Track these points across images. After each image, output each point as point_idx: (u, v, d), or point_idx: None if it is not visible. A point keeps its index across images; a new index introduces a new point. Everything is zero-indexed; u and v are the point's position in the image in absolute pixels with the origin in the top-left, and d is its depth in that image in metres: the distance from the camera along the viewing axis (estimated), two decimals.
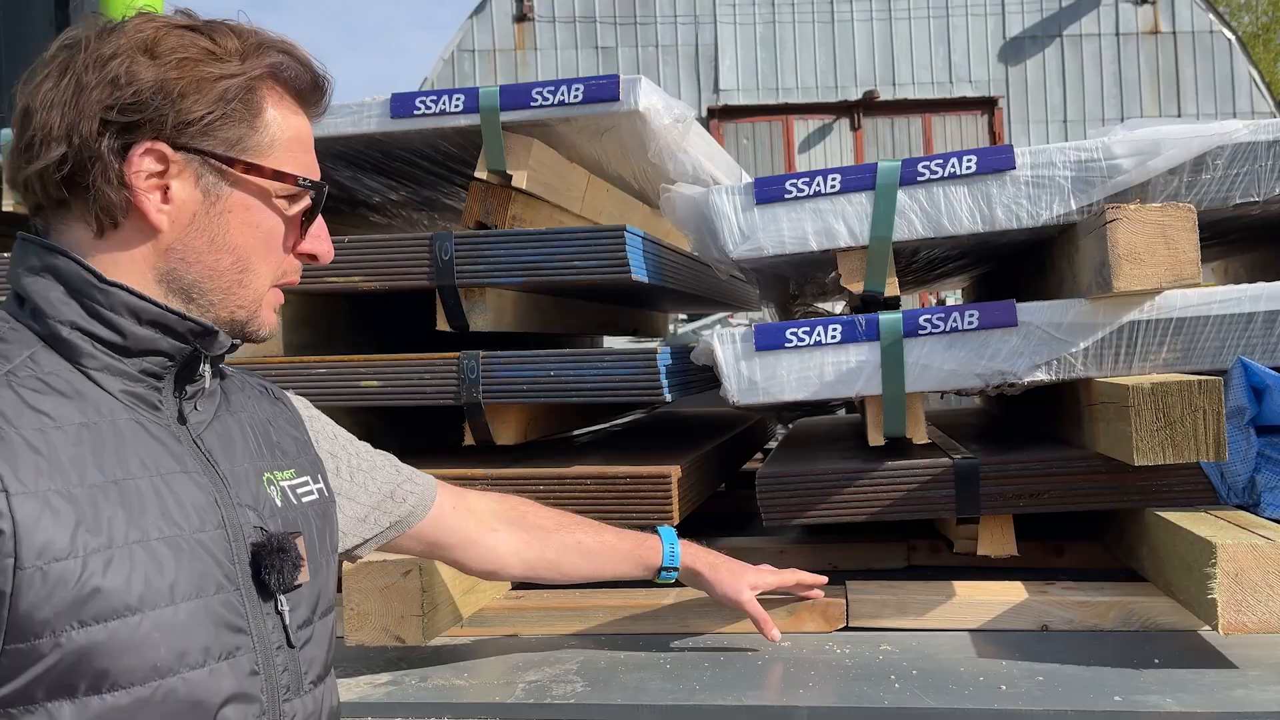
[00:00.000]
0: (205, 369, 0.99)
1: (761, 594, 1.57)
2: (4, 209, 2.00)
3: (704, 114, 11.34)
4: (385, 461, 1.32)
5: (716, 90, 11.54)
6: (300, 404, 1.21)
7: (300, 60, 1.01)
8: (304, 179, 1.00)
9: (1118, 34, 11.46)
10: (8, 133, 2.18)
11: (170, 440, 0.94)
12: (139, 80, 0.92)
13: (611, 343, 3.53)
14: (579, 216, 2.16)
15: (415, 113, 1.81)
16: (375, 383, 1.79)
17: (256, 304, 1.00)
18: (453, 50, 11.50)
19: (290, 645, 0.97)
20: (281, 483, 1.04)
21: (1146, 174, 1.62)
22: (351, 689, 1.44)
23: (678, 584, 1.58)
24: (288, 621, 0.97)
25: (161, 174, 0.93)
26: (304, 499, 1.06)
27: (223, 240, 0.96)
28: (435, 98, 1.80)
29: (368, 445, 1.32)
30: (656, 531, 1.56)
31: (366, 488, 1.27)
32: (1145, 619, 1.54)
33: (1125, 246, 1.50)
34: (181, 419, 0.97)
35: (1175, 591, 1.50)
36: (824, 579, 1.62)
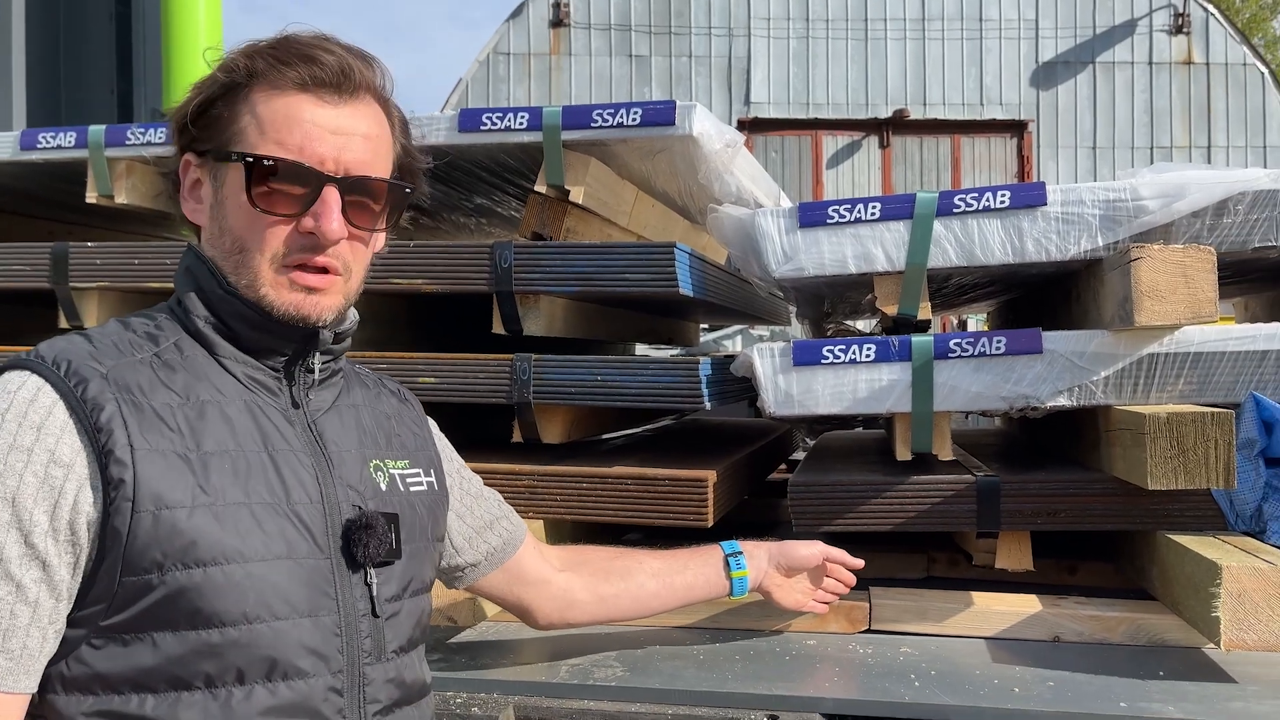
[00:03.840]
0: (315, 364, 1.10)
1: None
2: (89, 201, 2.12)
3: (734, 125, 11.44)
4: (491, 494, 1.42)
5: (748, 102, 11.63)
6: (430, 422, 1.32)
7: (288, 48, 1.04)
8: (237, 152, 1.02)
9: (1151, 63, 11.48)
10: (96, 129, 2.30)
11: (282, 422, 1.06)
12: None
13: (642, 350, 3.64)
14: (626, 230, 2.26)
15: (481, 128, 1.92)
16: (432, 379, 1.90)
17: (261, 282, 1.04)
18: (489, 53, 11.64)
19: (375, 615, 1.06)
20: (392, 470, 1.14)
21: (1171, 216, 1.71)
22: None
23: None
24: (375, 593, 1.06)
25: (198, 182, 1.09)
26: (412, 488, 1.16)
27: (225, 224, 1.07)
28: (501, 114, 1.91)
29: (478, 477, 1.41)
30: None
31: (474, 511, 1.36)
32: (1153, 635, 1.63)
33: (1148, 284, 1.59)
34: (295, 404, 1.09)
35: (1182, 610, 1.59)
36: (851, 578, 1.66)
